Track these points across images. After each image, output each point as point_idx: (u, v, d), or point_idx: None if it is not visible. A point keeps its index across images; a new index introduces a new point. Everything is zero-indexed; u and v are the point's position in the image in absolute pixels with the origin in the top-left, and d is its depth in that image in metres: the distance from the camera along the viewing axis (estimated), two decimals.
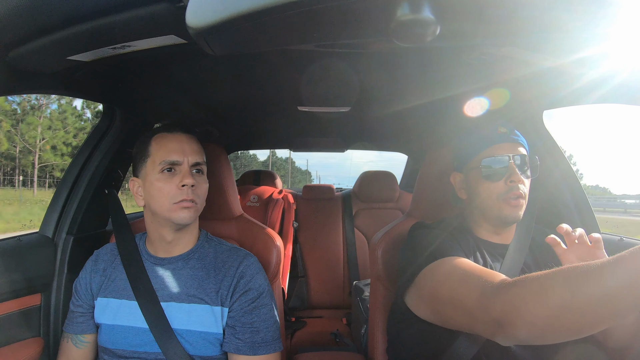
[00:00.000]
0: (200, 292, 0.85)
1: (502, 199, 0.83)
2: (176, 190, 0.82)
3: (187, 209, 0.82)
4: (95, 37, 0.66)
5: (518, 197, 0.82)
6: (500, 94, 1.20)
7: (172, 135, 0.87)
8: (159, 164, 0.83)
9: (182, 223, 0.84)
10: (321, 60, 1.03)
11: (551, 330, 0.53)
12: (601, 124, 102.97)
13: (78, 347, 0.88)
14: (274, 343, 0.85)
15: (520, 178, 0.82)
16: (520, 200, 0.83)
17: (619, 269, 0.47)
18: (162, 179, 0.83)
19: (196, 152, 0.87)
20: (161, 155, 0.84)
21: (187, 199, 0.82)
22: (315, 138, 2.45)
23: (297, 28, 0.56)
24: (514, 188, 0.82)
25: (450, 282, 0.70)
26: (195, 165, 0.86)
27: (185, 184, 0.82)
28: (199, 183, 0.86)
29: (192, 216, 0.84)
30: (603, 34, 0.58)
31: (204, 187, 0.87)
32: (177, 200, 0.82)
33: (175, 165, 0.84)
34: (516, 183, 0.82)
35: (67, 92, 0.99)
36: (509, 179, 0.82)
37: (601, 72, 0.82)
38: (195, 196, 0.84)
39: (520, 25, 0.55)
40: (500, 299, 0.59)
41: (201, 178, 0.87)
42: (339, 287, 2.23)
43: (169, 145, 0.85)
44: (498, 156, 0.84)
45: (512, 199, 0.82)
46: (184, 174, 0.83)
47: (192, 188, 0.83)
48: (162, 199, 0.82)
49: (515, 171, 0.82)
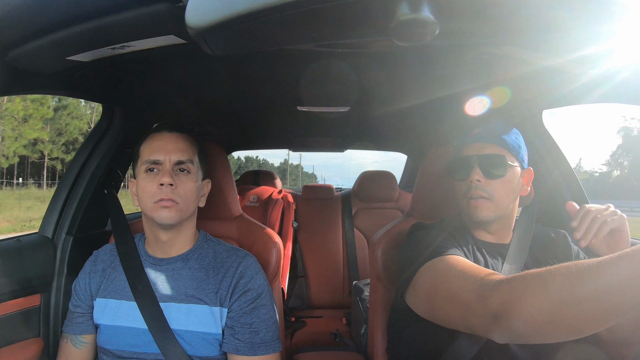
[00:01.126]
0: (199, 293, 0.85)
1: (467, 198, 0.85)
2: (156, 189, 0.82)
3: (166, 208, 0.81)
4: (95, 37, 0.66)
5: (478, 197, 0.83)
6: (500, 93, 1.20)
7: (158, 135, 0.88)
8: (143, 163, 0.85)
9: (163, 223, 0.83)
10: (321, 60, 1.03)
11: (549, 325, 0.53)
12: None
13: (77, 348, 0.88)
14: (274, 343, 0.85)
15: (480, 177, 0.83)
16: (480, 200, 0.83)
17: (621, 265, 0.48)
18: (145, 178, 0.84)
19: (180, 150, 0.86)
20: (145, 155, 0.85)
21: (164, 197, 0.81)
22: (315, 138, 2.45)
23: (296, 28, 0.56)
24: (472, 187, 0.84)
25: (448, 278, 0.71)
26: (178, 164, 0.85)
27: (162, 182, 0.81)
28: (183, 182, 0.84)
29: (173, 216, 0.82)
30: (603, 33, 0.58)
31: (188, 186, 0.85)
32: (157, 199, 0.82)
33: (156, 165, 0.84)
34: (474, 182, 0.83)
35: (66, 92, 0.99)
36: (469, 179, 0.84)
37: (601, 71, 0.82)
38: (176, 195, 0.82)
39: (520, 24, 0.55)
40: (499, 291, 0.59)
41: (187, 177, 0.85)
42: (339, 286, 2.23)
43: (153, 144, 0.86)
44: (464, 156, 0.87)
45: (471, 198, 0.84)
46: (164, 173, 0.82)
47: (171, 187, 0.82)
48: (145, 198, 0.83)
49: (472, 171, 0.84)
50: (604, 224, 0.75)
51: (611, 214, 0.76)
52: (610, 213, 0.76)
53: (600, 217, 0.75)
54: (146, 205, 0.83)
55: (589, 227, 0.75)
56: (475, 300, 0.62)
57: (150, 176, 0.84)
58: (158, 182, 0.82)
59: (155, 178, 0.83)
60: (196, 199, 0.88)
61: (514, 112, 1.25)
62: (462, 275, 0.68)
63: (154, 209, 0.82)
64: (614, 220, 0.74)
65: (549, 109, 1.18)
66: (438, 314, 0.74)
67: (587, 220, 0.76)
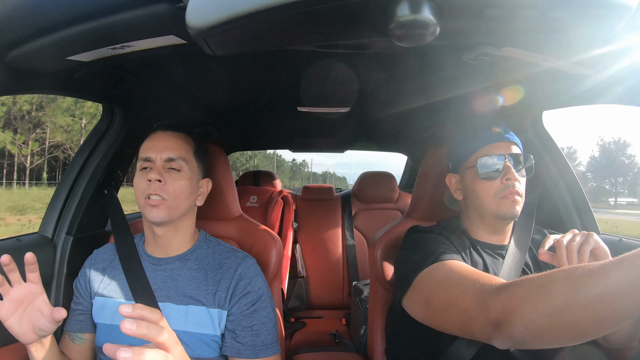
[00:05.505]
0: (197, 294, 0.85)
1: (499, 197, 0.84)
2: (146, 186, 0.83)
3: (154, 207, 0.82)
4: (95, 37, 0.66)
5: (514, 194, 0.83)
6: (499, 94, 1.20)
7: (153, 134, 0.89)
8: (138, 161, 0.87)
9: (152, 220, 0.84)
10: (321, 60, 1.03)
11: (551, 331, 0.52)
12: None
13: (75, 343, 0.88)
14: (274, 345, 0.85)
15: (515, 176, 0.83)
16: (516, 196, 0.83)
17: (622, 269, 0.47)
18: (138, 175, 0.86)
19: (171, 148, 0.86)
20: (140, 154, 0.88)
21: (151, 193, 0.82)
22: (315, 138, 2.45)
23: (296, 28, 0.56)
24: (510, 186, 0.83)
25: (446, 285, 0.70)
26: (168, 161, 0.85)
27: (149, 178, 0.82)
28: (173, 179, 0.84)
29: (162, 214, 0.83)
30: (604, 35, 0.58)
31: (178, 183, 0.85)
32: (146, 195, 0.83)
33: (148, 162, 0.86)
34: (512, 181, 0.83)
35: (66, 92, 0.99)
36: (505, 178, 0.83)
37: (601, 73, 0.82)
38: (164, 192, 0.83)
39: (521, 26, 0.55)
40: (500, 297, 0.58)
41: (177, 175, 0.85)
42: (339, 287, 2.23)
43: (147, 143, 0.88)
44: (493, 155, 0.85)
45: (508, 195, 0.83)
46: (152, 170, 0.83)
47: (159, 183, 0.82)
48: (137, 194, 0.85)
49: (510, 170, 0.83)
50: (583, 249, 0.68)
51: (582, 237, 0.70)
52: (581, 236, 0.70)
53: (575, 244, 0.69)
54: (139, 201, 0.85)
55: (570, 258, 0.68)
56: (475, 307, 0.62)
57: (142, 173, 0.85)
58: (147, 178, 0.83)
59: (146, 175, 0.84)
60: (187, 197, 0.87)
61: (514, 113, 1.25)
62: (461, 282, 0.67)
63: (144, 205, 0.83)
64: (589, 241, 0.69)
65: (548, 110, 1.18)
66: (437, 321, 0.73)
67: (563, 253, 0.69)
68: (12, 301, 0.69)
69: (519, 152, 0.87)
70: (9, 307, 0.68)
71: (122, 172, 1.33)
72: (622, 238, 1.05)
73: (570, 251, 0.68)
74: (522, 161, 0.86)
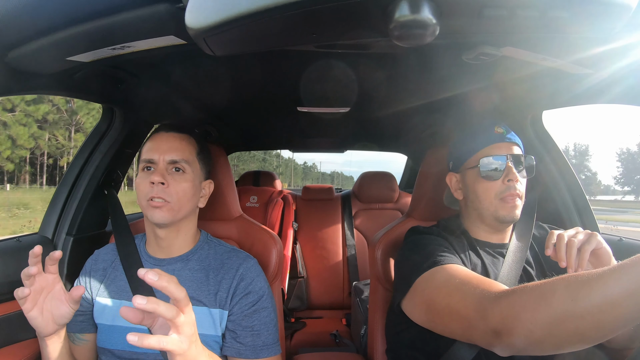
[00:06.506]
0: (198, 294, 0.85)
1: (500, 198, 0.84)
2: (148, 188, 0.83)
3: (157, 208, 0.82)
4: (95, 37, 0.66)
5: (515, 197, 0.83)
6: (499, 94, 1.20)
7: (156, 135, 0.89)
8: (141, 162, 0.87)
9: (155, 222, 0.84)
10: (321, 60, 1.03)
11: (551, 339, 0.52)
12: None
13: (76, 344, 0.88)
14: (275, 346, 0.85)
15: (517, 177, 0.83)
16: (516, 199, 0.83)
17: (622, 276, 0.47)
18: (141, 176, 0.85)
19: (175, 150, 0.86)
20: (142, 155, 0.87)
21: (154, 196, 0.82)
22: (315, 139, 2.45)
23: (296, 28, 0.56)
24: (511, 187, 0.83)
25: (446, 291, 0.70)
26: (172, 163, 0.85)
27: (153, 181, 0.82)
28: (176, 181, 0.84)
29: (165, 215, 0.83)
30: (604, 34, 0.58)
31: (181, 186, 0.85)
32: (149, 197, 0.82)
33: (151, 164, 0.85)
34: (513, 182, 0.83)
35: (66, 92, 0.99)
36: (507, 178, 0.83)
37: (602, 72, 0.82)
38: (167, 195, 0.82)
39: (520, 25, 0.55)
40: (499, 306, 0.58)
41: (181, 177, 0.85)
42: (339, 287, 2.23)
43: (149, 144, 0.87)
44: (495, 156, 0.85)
45: (509, 198, 0.83)
46: (156, 172, 0.83)
47: (162, 186, 0.82)
48: (140, 196, 0.84)
49: (512, 170, 0.83)
50: (584, 249, 0.67)
51: (585, 235, 0.69)
52: (584, 234, 0.70)
53: (576, 240, 0.68)
54: (141, 203, 0.84)
55: (569, 253, 0.68)
56: (475, 315, 0.62)
57: (145, 175, 0.85)
58: (150, 180, 0.82)
59: (149, 177, 0.83)
60: (191, 199, 0.87)
61: (514, 113, 1.25)
62: (461, 288, 0.67)
63: (147, 207, 0.83)
64: (590, 241, 0.68)
65: (548, 109, 1.18)
66: (438, 326, 0.73)
67: (563, 247, 0.69)
68: (35, 291, 0.70)
69: (520, 153, 0.87)
70: (33, 298, 0.70)
71: (122, 172, 1.33)
72: (622, 238, 1.05)
73: (570, 247, 0.68)
74: (523, 162, 0.86)
